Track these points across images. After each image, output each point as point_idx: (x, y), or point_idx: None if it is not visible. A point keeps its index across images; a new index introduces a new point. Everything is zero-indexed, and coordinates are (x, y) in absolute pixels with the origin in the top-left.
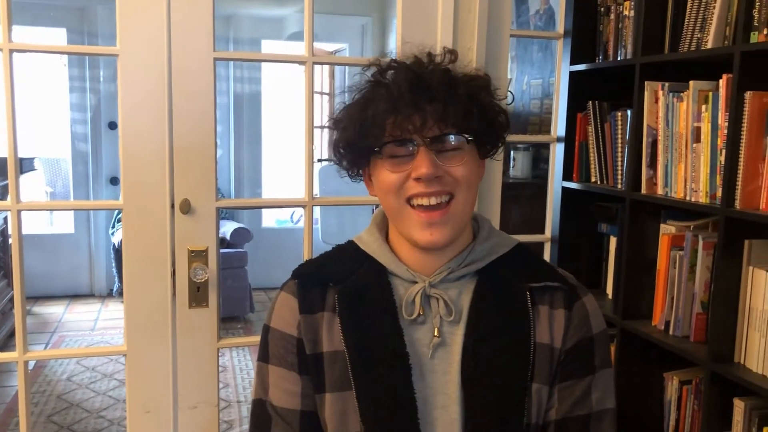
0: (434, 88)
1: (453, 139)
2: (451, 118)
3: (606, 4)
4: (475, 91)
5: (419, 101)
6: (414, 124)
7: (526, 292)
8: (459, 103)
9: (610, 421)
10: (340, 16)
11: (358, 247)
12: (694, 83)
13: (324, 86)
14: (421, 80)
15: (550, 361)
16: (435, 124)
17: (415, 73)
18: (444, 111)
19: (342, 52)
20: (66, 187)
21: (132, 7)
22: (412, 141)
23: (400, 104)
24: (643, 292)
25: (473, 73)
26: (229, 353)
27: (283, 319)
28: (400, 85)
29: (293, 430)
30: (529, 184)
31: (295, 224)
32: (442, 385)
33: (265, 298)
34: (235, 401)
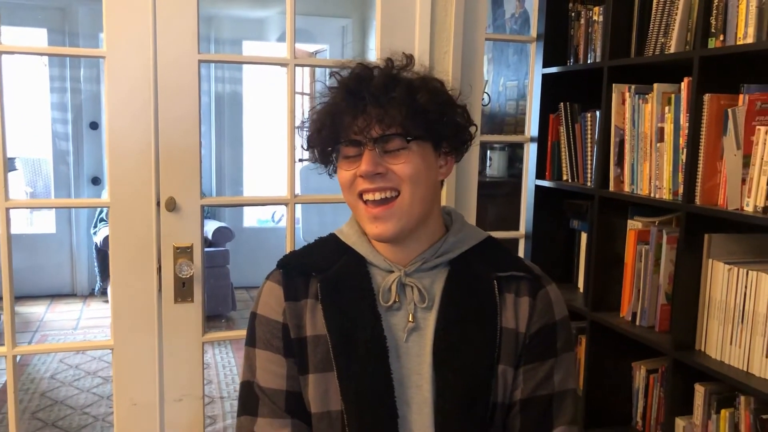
0: (372, 92)
1: (394, 141)
2: (394, 120)
3: (576, 10)
4: (413, 93)
5: (358, 105)
6: (359, 126)
7: (494, 281)
8: (398, 105)
9: (571, 400)
10: (320, 18)
11: (339, 239)
12: (657, 86)
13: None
14: (361, 85)
15: (516, 344)
16: (378, 125)
17: (358, 79)
18: (385, 113)
19: (323, 53)
20: (47, 188)
21: (118, 10)
22: (358, 142)
23: (342, 109)
24: (611, 285)
25: (419, 77)
26: (211, 350)
27: (269, 306)
28: (342, 91)
29: (279, 409)
30: (505, 183)
31: (276, 224)
32: (416, 366)
33: (247, 296)
34: (218, 397)
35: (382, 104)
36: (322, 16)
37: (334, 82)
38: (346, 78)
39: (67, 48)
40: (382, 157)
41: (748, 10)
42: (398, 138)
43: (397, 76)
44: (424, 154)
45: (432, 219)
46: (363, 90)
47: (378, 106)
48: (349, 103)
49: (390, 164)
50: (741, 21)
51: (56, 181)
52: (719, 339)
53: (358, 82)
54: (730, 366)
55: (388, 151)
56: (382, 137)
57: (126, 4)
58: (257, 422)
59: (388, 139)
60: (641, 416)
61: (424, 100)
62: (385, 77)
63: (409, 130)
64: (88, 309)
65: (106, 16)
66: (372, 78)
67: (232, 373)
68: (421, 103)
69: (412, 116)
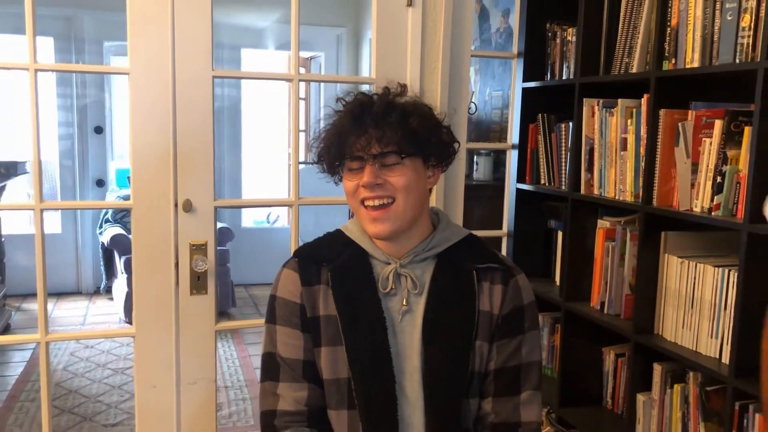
0: (373, 116)
1: (390, 157)
2: (391, 140)
3: (553, 30)
4: (406, 117)
5: (362, 127)
6: (361, 144)
7: (473, 271)
8: (392, 128)
9: (537, 370)
10: (316, 27)
11: (344, 234)
12: (622, 101)
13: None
14: (363, 111)
15: (490, 324)
16: (377, 144)
17: (360, 105)
18: (382, 134)
19: (318, 58)
20: (53, 189)
21: (141, 32)
22: (361, 158)
23: (347, 130)
24: (583, 278)
25: (410, 102)
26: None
27: (287, 290)
28: (347, 115)
29: (298, 375)
30: (490, 186)
31: (272, 225)
32: (408, 341)
33: (246, 294)
34: (223, 386)
35: (381, 126)
36: (318, 26)
37: (339, 106)
38: (350, 104)
39: (95, 66)
40: (381, 171)
41: (694, 38)
42: (394, 155)
43: (393, 102)
44: (416, 168)
45: (422, 219)
46: (365, 115)
47: (377, 128)
48: (353, 125)
49: (387, 176)
50: (689, 47)
51: (62, 184)
52: (674, 323)
53: (361, 108)
54: (682, 346)
55: (385, 165)
56: (381, 154)
57: (148, 26)
58: (279, 386)
59: (386, 156)
60: (611, 396)
61: (416, 123)
62: (384, 104)
63: (403, 148)
64: (94, 306)
65: (131, 37)
66: (372, 104)
67: (235, 364)
68: (414, 125)
69: (406, 137)
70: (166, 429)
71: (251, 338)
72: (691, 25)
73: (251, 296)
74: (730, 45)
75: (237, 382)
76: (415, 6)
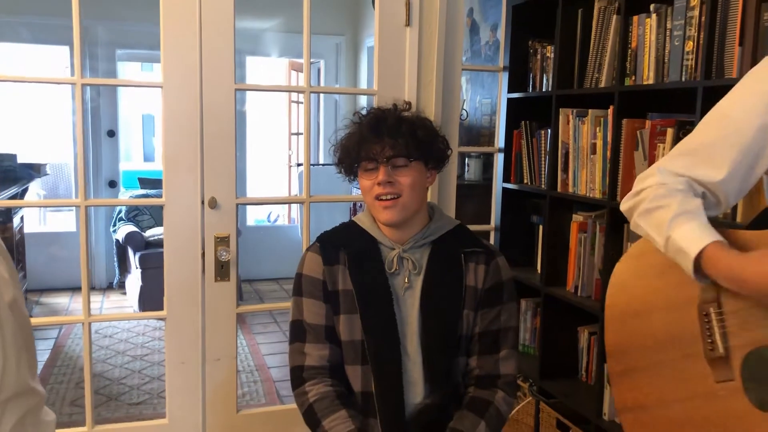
0: (387, 127)
1: (400, 160)
2: (400, 147)
3: (534, 47)
4: (414, 129)
5: (379, 135)
6: (376, 150)
7: (461, 254)
8: (404, 137)
9: (513, 333)
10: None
11: (357, 224)
12: (592, 111)
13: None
14: (379, 123)
15: (475, 296)
16: (390, 150)
17: (376, 118)
18: (395, 142)
19: (317, 63)
20: (68, 189)
21: (172, 50)
22: (376, 160)
23: (366, 137)
24: (560, 266)
25: (416, 116)
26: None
27: (312, 268)
28: (366, 126)
29: (320, 336)
30: (480, 185)
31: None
32: (409, 311)
33: (251, 289)
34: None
35: (394, 136)
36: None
37: (357, 118)
38: (368, 117)
39: (131, 80)
40: (392, 171)
41: (650, 59)
42: (403, 159)
43: (402, 116)
44: (419, 170)
45: (421, 212)
46: (381, 126)
47: (391, 137)
48: (371, 134)
49: (397, 176)
50: (645, 66)
51: (77, 184)
52: None
53: (377, 121)
54: None
55: (396, 167)
56: (393, 158)
57: (178, 46)
58: (306, 346)
59: (397, 160)
60: (585, 369)
61: (422, 134)
62: (395, 118)
63: (411, 153)
64: (108, 300)
65: (164, 55)
66: (386, 118)
67: (245, 351)
68: (420, 136)
69: (413, 145)
70: (192, 401)
71: (258, 328)
72: (647, 48)
73: (256, 291)
74: (678, 66)
75: (248, 367)
76: (412, 26)
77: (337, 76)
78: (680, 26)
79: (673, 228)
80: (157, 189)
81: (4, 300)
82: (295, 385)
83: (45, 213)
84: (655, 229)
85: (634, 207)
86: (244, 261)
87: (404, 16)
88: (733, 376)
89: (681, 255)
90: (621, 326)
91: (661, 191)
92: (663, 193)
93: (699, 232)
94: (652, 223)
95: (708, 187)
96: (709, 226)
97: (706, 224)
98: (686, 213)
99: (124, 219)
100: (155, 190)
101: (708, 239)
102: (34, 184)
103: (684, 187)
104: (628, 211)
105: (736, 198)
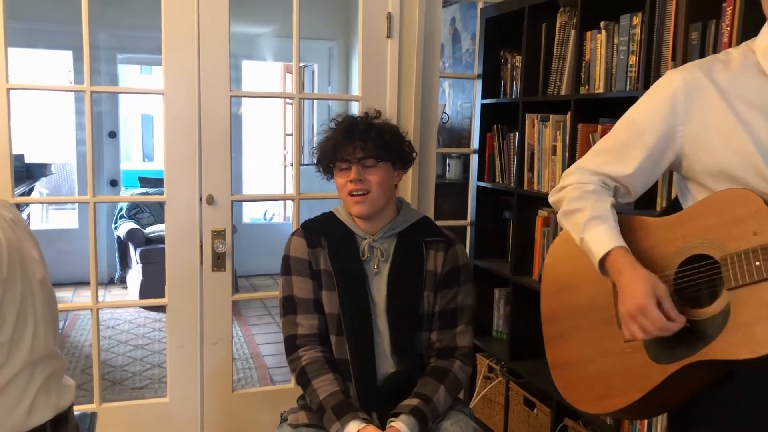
0: (359, 131)
1: (369, 161)
2: (370, 149)
3: (505, 56)
4: (382, 134)
5: (351, 139)
6: (348, 152)
7: (423, 243)
8: (373, 141)
9: (469, 311)
10: (309, 40)
11: (335, 216)
12: (553, 116)
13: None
14: (352, 128)
15: (434, 279)
16: (361, 151)
17: (349, 124)
18: (365, 145)
19: (310, 66)
20: (71, 188)
21: (173, 60)
22: (348, 161)
23: (340, 141)
24: (527, 257)
25: (384, 123)
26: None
27: (298, 250)
28: (341, 130)
29: (310, 308)
30: (460, 184)
31: (268, 221)
32: (379, 293)
33: (246, 284)
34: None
35: (364, 140)
36: (311, 39)
37: (334, 124)
38: (342, 123)
39: (136, 87)
40: (363, 170)
41: (600, 71)
42: (372, 159)
43: (372, 123)
44: (387, 169)
45: (389, 206)
46: (353, 131)
47: (361, 141)
48: (344, 138)
49: (367, 175)
50: (597, 77)
51: (79, 183)
52: None
53: (350, 126)
54: None
55: (366, 166)
56: (363, 158)
57: (178, 57)
58: (297, 317)
59: (367, 160)
60: None
61: (389, 138)
62: (366, 124)
63: (378, 155)
64: (110, 294)
65: (165, 64)
66: (358, 124)
67: (241, 341)
68: (386, 140)
69: (381, 147)
70: (192, 382)
71: (253, 320)
72: (598, 60)
73: (252, 285)
74: (623, 76)
75: (244, 355)
76: (393, 37)
77: (330, 79)
78: (625, 42)
79: (586, 231)
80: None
81: (36, 277)
82: (289, 352)
83: (48, 211)
84: (573, 230)
85: (558, 202)
86: (240, 257)
87: (386, 28)
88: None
89: (591, 254)
90: (553, 298)
91: (576, 193)
92: (578, 195)
93: (605, 236)
94: (571, 224)
95: (619, 181)
96: (614, 230)
97: (612, 227)
98: (597, 218)
99: (125, 216)
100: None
101: (610, 245)
102: (38, 183)
103: (596, 187)
104: (555, 204)
105: (642, 189)
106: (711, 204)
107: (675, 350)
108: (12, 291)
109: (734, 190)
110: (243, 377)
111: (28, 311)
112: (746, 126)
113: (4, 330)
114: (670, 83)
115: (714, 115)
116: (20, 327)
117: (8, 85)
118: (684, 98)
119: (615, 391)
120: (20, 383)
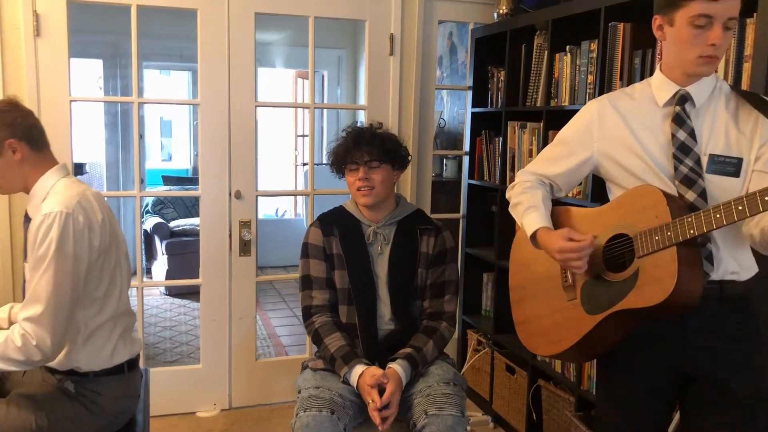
0: (365, 139)
1: (374, 163)
2: (374, 153)
3: (492, 71)
4: (384, 141)
5: (359, 146)
6: (357, 156)
7: (417, 230)
8: (376, 147)
9: (454, 283)
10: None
11: (345, 209)
12: (530, 124)
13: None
14: (359, 137)
15: (426, 259)
16: (367, 155)
17: (357, 133)
18: (370, 150)
19: (320, 73)
20: (100, 187)
21: (207, 75)
22: (357, 163)
23: (351, 147)
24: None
25: (385, 132)
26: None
27: (315, 238)
28: (351, 139)
29: (322, 285)
30: (455, 182)
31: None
32: (381, 269)
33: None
34: None
35: (370, 146)
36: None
37: (344, 133)
38: (352, 133)
39: (178, 99)
40: (369, 171)
41: (566, 86)
42: (376, 162)
43: (375, 132)
44: (387, 170)
45: (389, 199)
46: (361, 139)
47: (367, 147)
48: (354, 145)
49: (372, 174)
50: (563, 92)
51: (108, 181)
52: None
53: (358, 135)
54: None
55: (371, 167)
56: (369, 161)
57: (212, 72)
58: (312, 292)
59: (372, 163)
60: None
61: (389, 145)
62: (371, 133)
63: (381, 158)
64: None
65: (201, 78)
66: (365, 134)
67: (258, 324)
68: (387, 146)
69: (383, 152)
70: (221, 350)
71: (270, 306)
72: (565, 78)
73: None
74: (584, 92)
75: (262, 335)
76: (395, 55)
77: (339, 86)
78: (585, 63)
79: (524, 217)
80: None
81: (122, 251)
82: (305, 318)
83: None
84: (517, 217)
85: (510, 197)
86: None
87: (388, 47)
88: (576, 296)
89: (526, 233)
90: (518, 271)
91: (520, 189)
92: (520, 191)
93: (536, 220)
94: (515, 213)
95: (552, 180)
96: (543, 215)
97: (542, 214)
98: (531, 207)
99: (151, 212)
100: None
101: (537, 226)
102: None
103: (533, 184)
104: (509, 199)
105: (570, 187)
106: (626, 196)
107: (602, 304)
108: (108, 259)
109: (643, 186)
110: (262, 354)
111: (117, 276)
112: (639, 140)
113: (100, 287)
114: (588, 111)
115: (618, 133)
116: (111, 287)
117: (71, 97)
118: (598, 122)
119: (561, 338)
120: (106, 330)
